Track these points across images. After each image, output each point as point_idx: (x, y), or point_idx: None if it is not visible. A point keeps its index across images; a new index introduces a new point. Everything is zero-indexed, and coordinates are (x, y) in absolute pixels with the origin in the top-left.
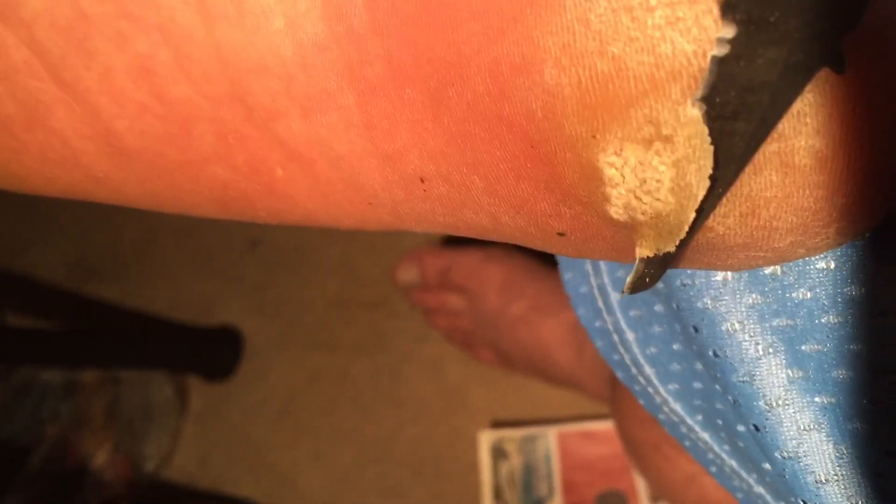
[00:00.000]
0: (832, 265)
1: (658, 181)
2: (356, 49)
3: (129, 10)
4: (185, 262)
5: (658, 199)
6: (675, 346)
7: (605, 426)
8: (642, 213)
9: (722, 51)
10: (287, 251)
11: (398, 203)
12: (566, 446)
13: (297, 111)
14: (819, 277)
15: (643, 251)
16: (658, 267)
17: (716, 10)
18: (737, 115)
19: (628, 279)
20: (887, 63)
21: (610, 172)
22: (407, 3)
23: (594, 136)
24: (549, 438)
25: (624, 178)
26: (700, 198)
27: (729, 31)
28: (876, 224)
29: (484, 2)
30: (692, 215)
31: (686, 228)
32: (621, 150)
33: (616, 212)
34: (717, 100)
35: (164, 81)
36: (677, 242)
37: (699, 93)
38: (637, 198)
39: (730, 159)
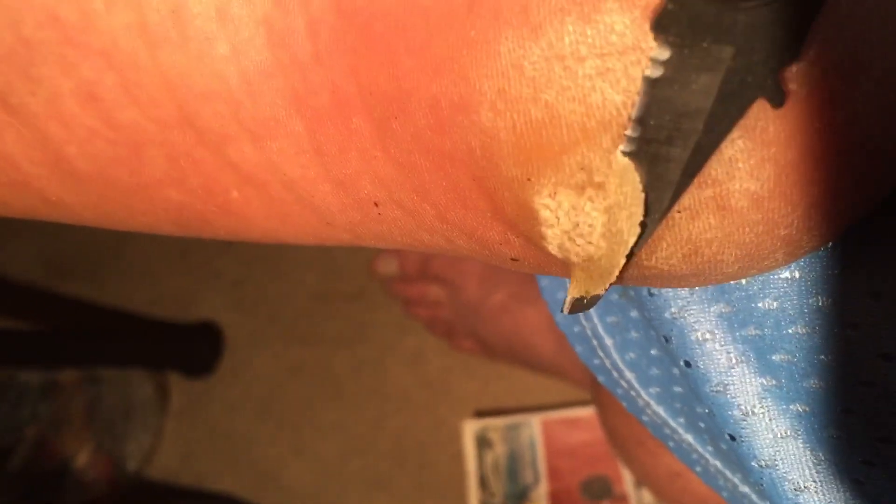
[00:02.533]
0: (797, 275)
1: (590, 226)
2: (301, 78)
3: (72, 37)
4: (161, 259)
5: (590, 243)
6: (652, 352)
7: (589, 412)
8: (575, 255)
9: (655, 72)
10: (265, 245)
11: (355, 224)
12: (550, 433)
13: (247, 136)
14: (784, 287)
15: (573, 292)
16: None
17: (648, 29)
18: (671, 141)
19: (566, 300)
20: (822, 98)
21: (545, 214)
22: (347, 34)
23: (529, 179)
24: (533, 426)
25: (558, 219)
26: (630, 244)
27: (662, 53)
28: (827, 241)
29: (421, 39)
30: (623, 261)
31: (616, 273)
32: (555, 193)
33: (553, 249)
34: (651, 122)
35: (111, 106)
36: (607, 286)
37: (633, 113)
38: (571, 240)
39: (665, 185)
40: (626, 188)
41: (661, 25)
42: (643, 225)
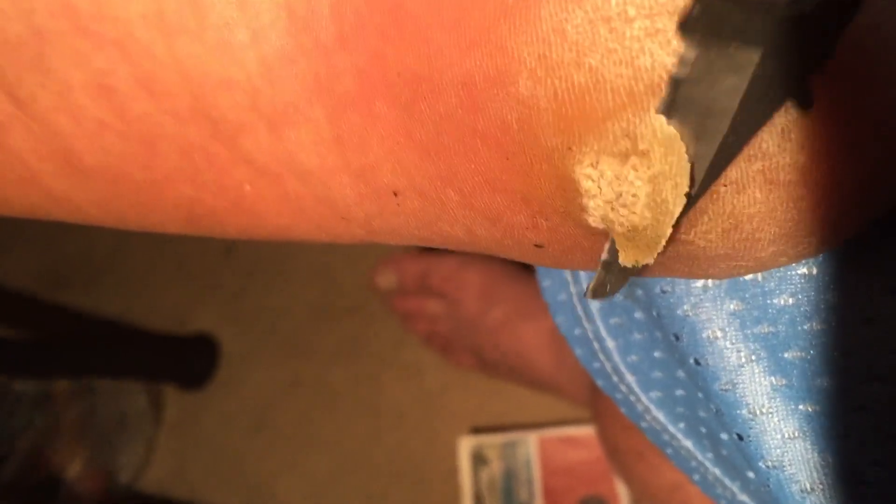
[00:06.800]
0: (814, 271)
1: (634, 196)
2: (324, 62)
3: (86, 26)
4: (159, 270)
5: (634, 213)
6: (656, 354)
7: (586, 431)
8: (619, 225)
9: (682, 72)
10: (263, 257)
11: (371, 217)
12: (547, 451)
13: (264, 126)
14: (800, 283)
15: (623, 259)
16: (619, 275)
17: (674, 31)
18: (696, 140)
19: (590, 284)
20: (868, 78)
21: (587, 184)
22: (374, 15)
23: (570, 148)
24: (530, 444)
25: (601, 189)
26: (676, 214)
27: (689, 53)
28: (858, 231)
29: (455, 13)
30: (669, 230)
31: (664, 242)
32: (598, 162)
33: (594, 222)
34: (675, 121)
35: (124, 98)
36: (655, 255)
37: (656, 109)
38: (614, 210)
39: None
40: (672, 158)
41: (688, 26)
42: (689, 196)
